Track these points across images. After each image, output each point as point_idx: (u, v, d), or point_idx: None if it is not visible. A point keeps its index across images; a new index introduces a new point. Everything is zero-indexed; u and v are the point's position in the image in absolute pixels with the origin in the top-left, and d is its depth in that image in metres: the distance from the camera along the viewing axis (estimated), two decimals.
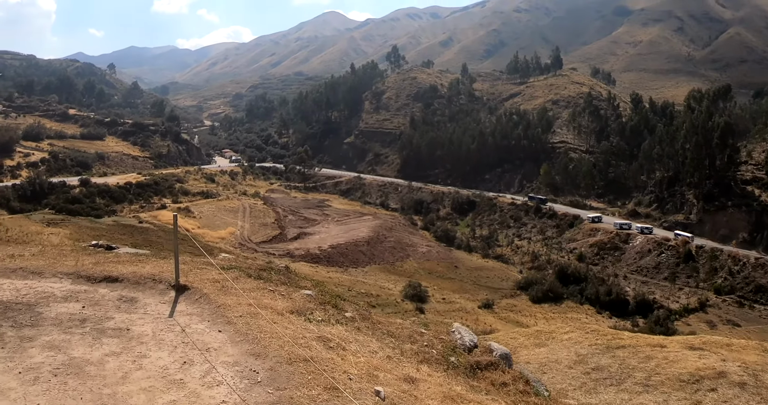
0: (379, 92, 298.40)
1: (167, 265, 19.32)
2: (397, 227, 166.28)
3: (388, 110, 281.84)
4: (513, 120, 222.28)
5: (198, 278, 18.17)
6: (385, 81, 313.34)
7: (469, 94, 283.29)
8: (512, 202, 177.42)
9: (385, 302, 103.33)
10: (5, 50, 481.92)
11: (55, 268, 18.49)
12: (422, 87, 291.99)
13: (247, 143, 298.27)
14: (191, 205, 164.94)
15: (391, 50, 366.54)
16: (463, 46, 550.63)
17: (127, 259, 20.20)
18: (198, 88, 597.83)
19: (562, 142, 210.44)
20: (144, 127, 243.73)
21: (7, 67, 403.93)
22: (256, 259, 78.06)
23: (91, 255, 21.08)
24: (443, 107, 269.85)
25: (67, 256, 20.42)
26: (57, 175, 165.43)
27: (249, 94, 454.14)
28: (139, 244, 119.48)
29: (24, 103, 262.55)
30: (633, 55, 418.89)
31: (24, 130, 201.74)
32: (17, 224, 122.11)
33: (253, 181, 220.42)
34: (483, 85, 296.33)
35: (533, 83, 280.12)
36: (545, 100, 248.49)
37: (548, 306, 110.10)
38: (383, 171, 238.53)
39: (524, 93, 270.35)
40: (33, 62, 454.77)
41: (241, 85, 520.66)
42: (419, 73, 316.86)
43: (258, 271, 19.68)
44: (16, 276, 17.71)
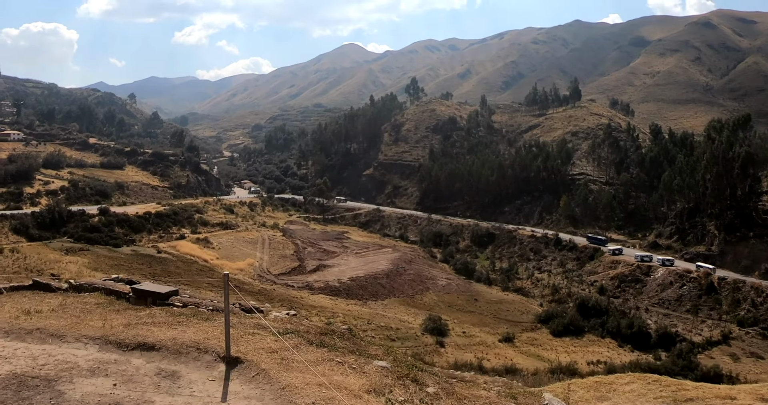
0: (398, 124, 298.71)
1: (212, 329, 16.72)
2: (416, 260, 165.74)
3: (407, 142, 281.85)
4: (532, 152, 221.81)
5: (251, 347, 15.53)
6: (404, 113, 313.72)
7: (488, 126, 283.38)
8: (532, 235, 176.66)
9: (405, 336, 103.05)
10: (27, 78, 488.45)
11: (78, 329, 15.98)
12: (441, 119, 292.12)
13: (266, 174, 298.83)
14: (210, 236, 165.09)
15: (410, 82, 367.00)
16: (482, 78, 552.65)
17: (163, 320, 17.38)
18: (217, 118, 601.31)
19: (582, 173, 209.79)
20: (164, 157, 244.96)
21: (28, 95, 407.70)
22: (310, 317, 77.09)
23: (121, 312, 18.40)
24: (462, 139, 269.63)
25: (93, 314, 17.97)
26: (76, 204, 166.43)
27: (268, 125, 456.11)
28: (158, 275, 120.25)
29: (45, 131, 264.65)
30: (651, 86, 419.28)
31: (44, 158, 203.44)
32: (35, 251, 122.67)
33: (272, 213, 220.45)
34: (502, 116, 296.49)
35: (552, 115, 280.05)
36: (564, 132, 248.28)
37: (569, 339, 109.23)
38: (402, 203, 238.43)
39: (543, 125, 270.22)
40: (54, 91, 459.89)
41: (260, 116, 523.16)
42: (438, 105, 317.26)
43: (319, 336, 17.06)
44: (32, 339, 15.36)
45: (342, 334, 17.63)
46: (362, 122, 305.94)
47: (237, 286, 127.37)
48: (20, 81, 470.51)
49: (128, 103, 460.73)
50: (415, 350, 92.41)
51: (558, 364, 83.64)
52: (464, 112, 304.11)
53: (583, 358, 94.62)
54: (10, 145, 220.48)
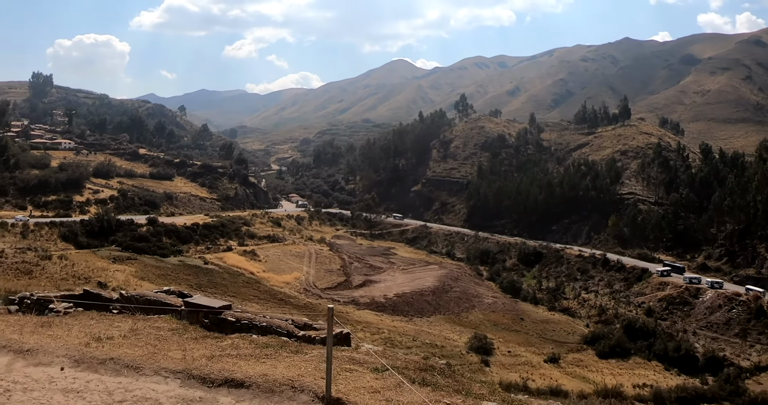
0: (446, 141, 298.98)
1: (305, 365, 15.28)
2: (462, 277, 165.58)
3: (455, 159, 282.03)
4: (581, 170, 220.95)
5: (350, 386, 14.04)
6: (452, 129, 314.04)
7: (536, 143, 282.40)
8: (579, 254, 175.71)
9: (450, 354, 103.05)
10: (79, 89, 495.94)
11: (156, 360, 14.76)
12: (490, 136, 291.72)
13: (314, 188, 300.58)
14: (257, 249, 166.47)
15: (459, 99, 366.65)
16: (530, 96, 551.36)
17: (249, 353, 15.96)
18: (266, 132, 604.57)
19: (631, 193, 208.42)
20: (212, 169, 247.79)
21: (80, 105, 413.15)
22: (356, 333, 77.87)
23: (200, 341, 17.15)
24: (511, 157, 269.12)
25: (169, 342, 16.77)
26: (125, 213, 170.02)
27: (317, 140, 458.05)
28: (204, 286, 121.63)
29: (95, 140, 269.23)
30: (701, 105, 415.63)
31: (95, 167, 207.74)
32: (83, 259, 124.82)
33: (319, 227, 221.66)
34: (551, 134, 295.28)
35: (601, 133, 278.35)
36: (613, 151, 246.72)
37: (615, 362, 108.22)
38: (449, 220, 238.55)
39: (592, 143, 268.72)
40: (106, 101, 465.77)
41: (309, 131, 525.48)
42: (487, 122, 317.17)
43: (419, 372, 15.52)
44: (106, 370, 14.19)
45: (442, 369, 16.32)
46: (411, 138, 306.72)
47: (283, 299, 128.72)
48: (72, 91, 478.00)
49: (178, 115, 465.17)
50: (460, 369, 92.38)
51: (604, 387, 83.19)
52: (513, 130, 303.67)
53: (629, 381, 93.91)
54: (61, 154, 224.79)
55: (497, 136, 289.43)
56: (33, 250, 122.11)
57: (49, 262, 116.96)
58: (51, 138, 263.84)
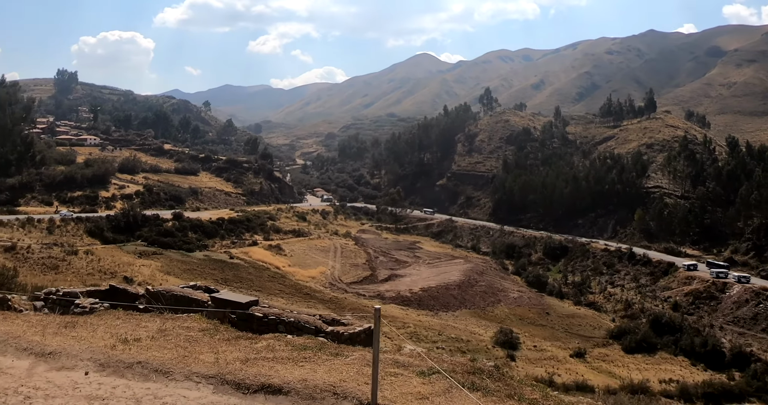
0: (471, 134, 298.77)
1: (346, 368, 14.37)
2: (488, 271, 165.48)
3: (480, 153, 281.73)
4: (607, 164, 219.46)
5: (396, 391, 13.09)
6: (477, 123, 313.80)
7: (562, 137, 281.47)
8: (605, 248, 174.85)
9: (476, 348, 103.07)
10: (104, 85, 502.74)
11: (187, 364, 13.97)
12: (515, 130, 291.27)
13: (339, 183, 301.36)
14: (282, 243, 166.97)
15: (484, 92, 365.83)
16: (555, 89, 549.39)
17: (286, 355, 15.08)
18: (291, 126, 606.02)
19: (657, 186, 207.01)
20: (237, 164, 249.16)
21: (105, 102, 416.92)
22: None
23: (232, 343, 16.23)
24: (536, 150, 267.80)
25: (200, 343, 15.89)
26: (150, 208, 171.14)
27: (341, 134, 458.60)
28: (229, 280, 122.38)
29: (121, 136, 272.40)
30: (727, 97, 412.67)
31: (120, 162, 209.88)
32: (109, 254, 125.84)
33: (345, 221, 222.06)
34: (576, 128, 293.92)
35: (627, 126, 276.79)
36: (639, 144, 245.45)
37: (641, 356, 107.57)
38: (475, 214, 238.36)
39: (618, 136, 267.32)
40: (130, 98, 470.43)
41: (333, 125, 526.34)
42: (512, 115, 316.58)
43: (467, 375, 14.53)
44: (133, 375, 13.46)
45: (490, 372, 15.28)
46: (436, 132, 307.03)
47: (308, 293, 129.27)
48: (97, 88, 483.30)
49: (203, 110, 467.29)
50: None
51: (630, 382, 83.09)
52: (538, 123, 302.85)
53: (656, 376, 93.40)
54: (86, 150, 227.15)
55: (522, 130, 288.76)
56: (59, 246, 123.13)
57: (75, 258, 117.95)
58: (76, 134, 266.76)
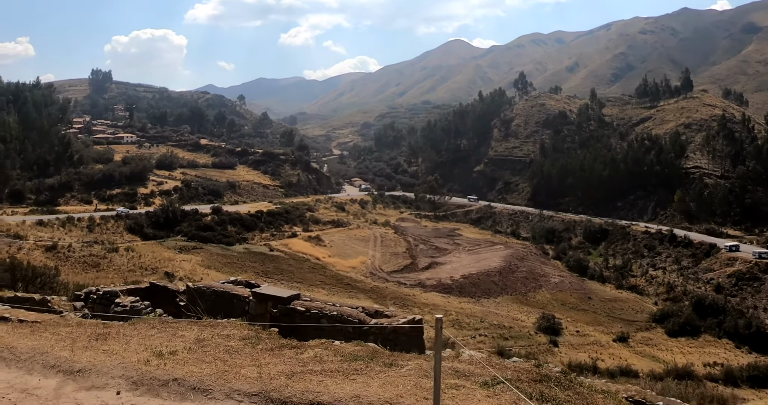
0: (507, 119, 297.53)
1: (403, 381, 13.12)
2: (528, 257, 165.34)
3: (517, 137, 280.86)
4: (645, 145, 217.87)
5: None
6: (513, 108, 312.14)
7: (598, 119, 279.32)
8: (646, 231, 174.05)
9: (518, 334, 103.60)
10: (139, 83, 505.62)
11: (227, 380, 12.92)
12: (551, 113, 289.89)
13: (377, 172, 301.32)
14: (322, 234, 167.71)
15: (518, 77, 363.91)
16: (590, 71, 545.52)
17: (335, 367, 13.83)
18: (326, 117, 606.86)
19: (696, 167, 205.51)
20: (274, 157, 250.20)
21: (140, 99, 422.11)
22: (423, 315, 77.57)
23: (276, 354, 15.08)
24: (573, 134, 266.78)
25: (242, 355, 14.78)
26: (189, 203, 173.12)
27: (377, 123, 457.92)
28: (270, 273, 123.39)
29: (157, 133, 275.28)
30: (764, 74, 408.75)
31: (157, 159, 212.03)
32: (150, 250, 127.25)
33: (383, 210, 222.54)
34: (612, 110, 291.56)
35: (663, 107, 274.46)
36: (677, 124, 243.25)
37: (685, 340, 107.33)
38: (513, 199, 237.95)
39: (655, 117, 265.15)
40: (165, 94, 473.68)
41: (368, 115, 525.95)
42: (547, 99, 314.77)
43: (534, 384, 13.47)
44: (169, 394, 12.44)
45: (558, 379, 14.23)
46: (471, 118, 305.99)
47: (349, 283, 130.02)
48: (132, 86, 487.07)
49: (238, 104, 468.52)
50: (529, 349, 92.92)
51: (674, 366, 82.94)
52: (574, 106, 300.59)
53: (700, 360, 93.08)
54: (123, 148, 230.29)
55: (558, 113, 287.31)
56: (99, 244, 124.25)
57: (116, 255, 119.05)
58: (113, 133, 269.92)
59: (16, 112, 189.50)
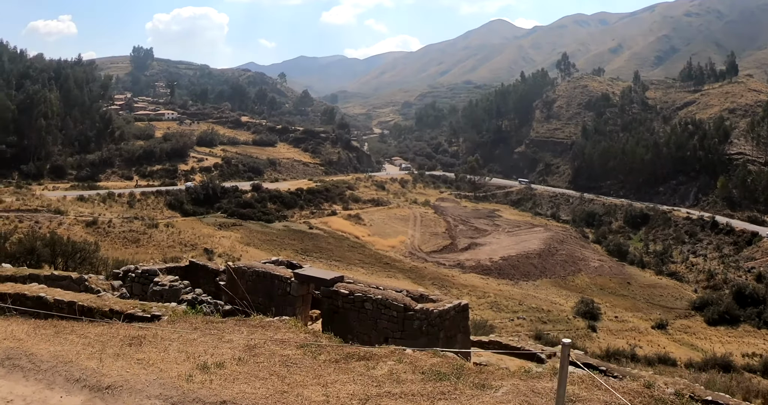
0: (549, 101, 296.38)
1: None
2: (568, 240, 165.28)
3: (559, 119, 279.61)
4: (688, 130, 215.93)
5: None
6: (555, 89, 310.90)
7: (641, 102, 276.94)
8: (687, 217, 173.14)
9: (557, 318, 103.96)
10: (180, 60, 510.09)
11: (287, 404, 10.91)
12: (593, 95, 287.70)
13: (417, 151, 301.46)
14: (361, 213, 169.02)
15: (561, 58, 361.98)
16: (633, 53, 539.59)
17: (417, 390, 11.60)
18: (367, 96, 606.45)
19: (740, 153, 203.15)
20: (315, 135, 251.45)
21: (182, 77, 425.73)
22: (461, 296, 77.69)
23: (343, 368, 13.03)
24: (615, 116, 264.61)
25: (301, 368, 12.80)
26: (229, 180, 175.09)
27: (418, 103, 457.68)
28: (309, 250, 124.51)
29: (198, 110, 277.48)
30: None
31: (198, 136, 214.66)
32: (190, 226, 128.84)
33: (423, 190, 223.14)
34: (655, 93, 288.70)
35: (708, 91, 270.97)
36: (721, 109, 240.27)
37: (724, 329, 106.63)
38: (554, 181, 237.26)
39: (699, 101, 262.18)
40: (206, 72, 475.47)
41: (409, 94, 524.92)
42: (590, 81, 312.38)
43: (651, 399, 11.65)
44: None
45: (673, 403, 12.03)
46: (513, 99, 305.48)
47: (388, 263, 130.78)
48: (173, 63, 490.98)
49: (278, 82, 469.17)
50: (567, 334, 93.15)
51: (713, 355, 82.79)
52: (617, 89, 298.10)
53: (738, 350, 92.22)
54: (165, 125, 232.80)
55: (601, 96, 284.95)
56: (140, 219, 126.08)
57: (155, 231, 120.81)
58: (154, 109, 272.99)
59: (58, 88, 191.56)
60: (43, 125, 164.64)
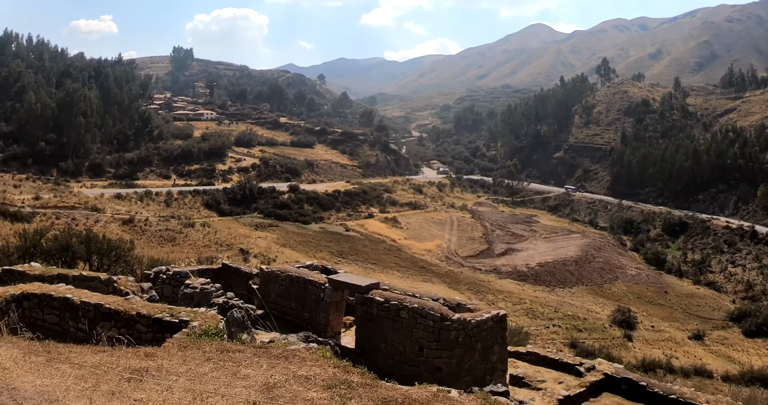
0: (588, 106, 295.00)
1: None
2: (605, 247, 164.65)
3: (598, 125, 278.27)
4: (728, 137, 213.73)
5: None
6: (594, 95, 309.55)
7: (681, 109, 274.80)
8: (727, 226, 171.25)
9: (592, 326, 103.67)
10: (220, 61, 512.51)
11: None
12: (633, 101, 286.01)
13: (455, 155, 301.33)
14: (398, 216, 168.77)
15: (601, 63, 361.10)
16: (673, 59, 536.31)
17: None
18: (405, 99, 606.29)
19: None
20: (353, 137, 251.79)
21: (221, 77, 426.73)
22: (497, 302, 78.09)
23: None
24: (655, 123, 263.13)
25: None
26: (266, 181, 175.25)
27: (456, 106, 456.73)
28: (345, 253, 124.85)
29: (237, 110, 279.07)
30: None
31: (236, 136, 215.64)
32: (226, 226, 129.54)
33: (461, 194, 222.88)
34: (696, 99, 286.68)
35: (749, 98, 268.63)
36: (762, 117, 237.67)
37: (762, 341, 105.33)
38: (592, 187, 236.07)
39: (740, 108, 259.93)
40: (245, 72, 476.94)
41: (448, 97, 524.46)
42: (630, 86, 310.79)
43: None
44: None
45: None
46: (552, 104, 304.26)
47: (424, 267, 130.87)
48: (213, 64, 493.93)
49: (317, 83, 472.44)
50: (602, 343, 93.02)
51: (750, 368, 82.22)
52: (657, 95, 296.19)
53: None
54: (203, 124, 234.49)
55: (641, 101, 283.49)
56: (176, 218, 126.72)
57: (192, 230, 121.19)
58: (193, 109, 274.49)
59: (98, 87, 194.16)
60: (83, 123, 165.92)
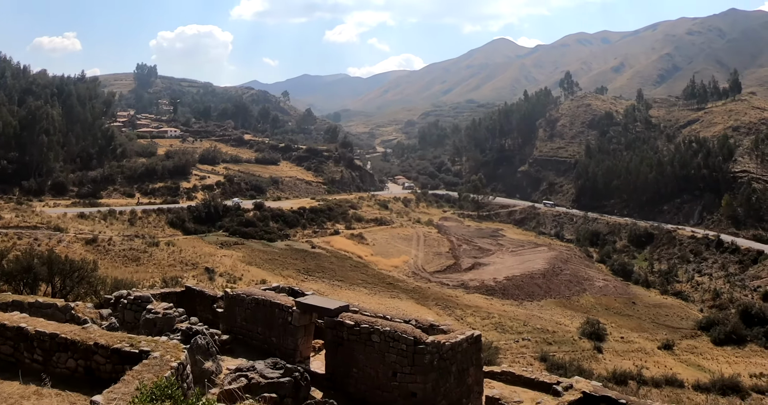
0: (552, 120, 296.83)
1: None
2: (572, 259, 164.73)
3: (562, 138, 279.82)
4: (692, 148, 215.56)
5: None
6: (558, 108, 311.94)
7: (645, 121, 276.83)
8: (692, 235, 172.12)
9: (562, 339, 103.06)
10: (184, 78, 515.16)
11: None
12: (597, 114, 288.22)
13: (420, 170, 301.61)
14: (364, 232, 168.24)
15: (564, 77, 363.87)
16: (636, 71, 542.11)
17: None
18: (370, 115, 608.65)
19: (744, 171, 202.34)
20: (317, 153, 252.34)
21: (185, 94, 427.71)
22: (465, 317, 77.54)
23: None
24: (619, 135, 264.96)
25: None
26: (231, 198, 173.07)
27: (421, 121, 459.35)
28: (311, 270, 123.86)
29: (201, 128, 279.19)
30: None
31: (200, 154, 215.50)
32: (191, 245, 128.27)
33: (427, 209, 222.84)
34: (659, 111, 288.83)
35: (711, 109, 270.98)
36: (725, 127, 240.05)
37: (731, 349, 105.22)
38: (557, 200, 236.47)
39: (702, 119, 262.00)
40: (210, 89, 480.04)
41: (412, 112, 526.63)
42: (593, 99, 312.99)
43: None
44: None
45: None
46: (516, 118, 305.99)
47: (391, 283, 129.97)
48: (176, 81, 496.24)
49: (282, 100, 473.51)
50: (573, 355, 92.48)
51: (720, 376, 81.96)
52: (620, 107, 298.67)
53: (746, 370, 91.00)
54: (167, 142, 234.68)
55: (604, 114, 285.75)
56: (140, 237, 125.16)
57: (156, 249, 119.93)
58: (157, 127, 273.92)
59: (61, 105, 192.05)
60: (45, 141, 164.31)
